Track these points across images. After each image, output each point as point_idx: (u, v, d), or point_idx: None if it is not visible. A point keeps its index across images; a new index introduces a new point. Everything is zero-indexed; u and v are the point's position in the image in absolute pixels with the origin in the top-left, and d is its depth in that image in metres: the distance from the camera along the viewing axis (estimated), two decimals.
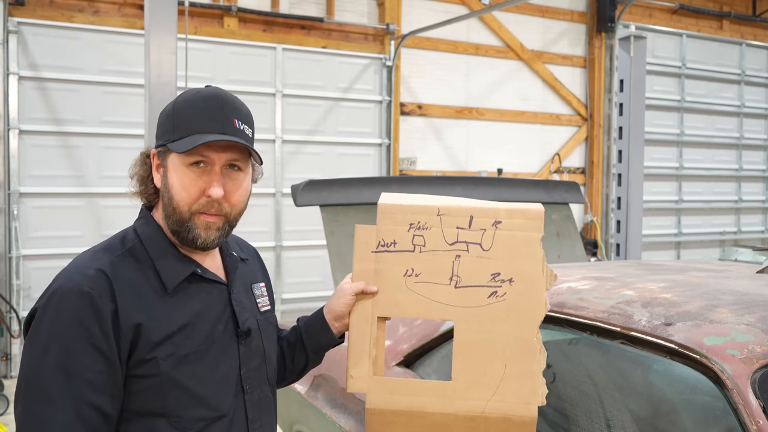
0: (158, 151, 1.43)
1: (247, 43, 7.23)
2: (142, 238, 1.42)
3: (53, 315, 1.30)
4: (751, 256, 6.29)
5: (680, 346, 1.60)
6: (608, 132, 9.35)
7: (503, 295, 1.46)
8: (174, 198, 1.39)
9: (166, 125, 1.41)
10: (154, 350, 1.33)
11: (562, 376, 1.99)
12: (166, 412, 1.35)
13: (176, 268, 1.41)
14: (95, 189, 6.56)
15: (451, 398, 1.49)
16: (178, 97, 1.45)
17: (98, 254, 1.38)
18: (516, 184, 3.87)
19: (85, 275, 1.32)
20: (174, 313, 1.37)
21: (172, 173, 1.39)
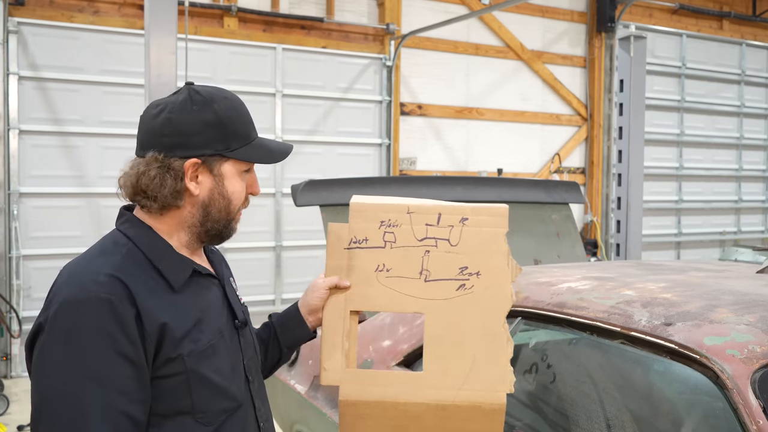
0: (204, 160, 1.40)
1: (247, 43, 7.23)
2: (135, 241, 1.39)
3: (71, 327, 1.26)
4: (751, 256, 6.29)
5: (680, 346, 1.60)
6: (608, 132, 9.35)
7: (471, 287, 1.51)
8: (232, 203, 1.45)
9: (213, 134, 1.40)
10: (177, 348, 1.34)
11: (562, 376, 2.00)
12: (193, 409, 1.36)
13: (179, 267, 1.41)
14: (95, 189, 6.56)
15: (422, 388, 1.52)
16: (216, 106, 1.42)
17: (99, 260, 1.35)
18: (516, 184, 3.87)
19: (97, 282, 1.29)
20: (187, 309, 1.39)
21: (231, 181, 1.43)
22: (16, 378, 6.22)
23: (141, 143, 1.43)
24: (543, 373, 2.04)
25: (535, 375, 2.06)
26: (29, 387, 4.68)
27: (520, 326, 2.08)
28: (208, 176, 1.41)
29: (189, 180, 1.39)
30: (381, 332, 2.54)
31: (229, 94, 1.48)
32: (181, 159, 1.38)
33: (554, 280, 2.19)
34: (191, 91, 1.45)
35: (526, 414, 2.06)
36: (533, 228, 3.79)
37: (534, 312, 2.04)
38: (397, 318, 2.54)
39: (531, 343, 2.12)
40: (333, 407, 2.51)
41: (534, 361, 2.08)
